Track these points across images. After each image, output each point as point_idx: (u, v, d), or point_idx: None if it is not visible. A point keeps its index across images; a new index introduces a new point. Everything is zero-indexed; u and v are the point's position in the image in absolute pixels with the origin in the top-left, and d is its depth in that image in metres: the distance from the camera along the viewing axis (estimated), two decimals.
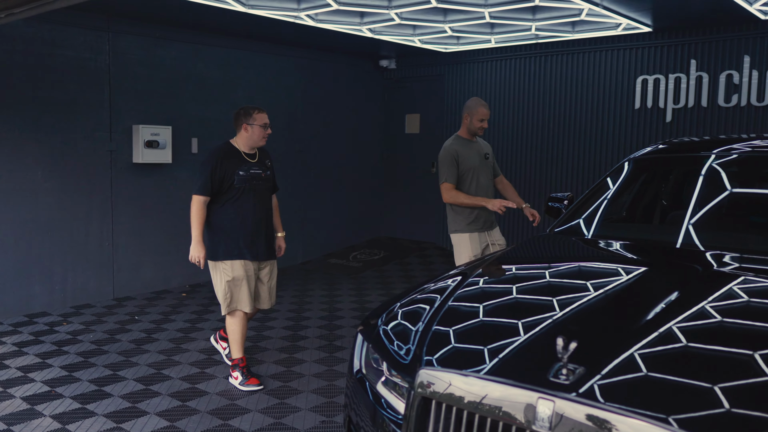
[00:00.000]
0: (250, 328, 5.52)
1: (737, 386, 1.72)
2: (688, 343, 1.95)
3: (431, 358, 2.07)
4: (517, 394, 1.79)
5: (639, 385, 1.73)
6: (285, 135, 7.94)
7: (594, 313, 2.17)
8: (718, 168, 3.50)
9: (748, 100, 6.34)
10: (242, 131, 4.27)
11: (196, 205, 4.16)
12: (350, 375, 2.49)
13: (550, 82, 7.64)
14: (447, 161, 4.59)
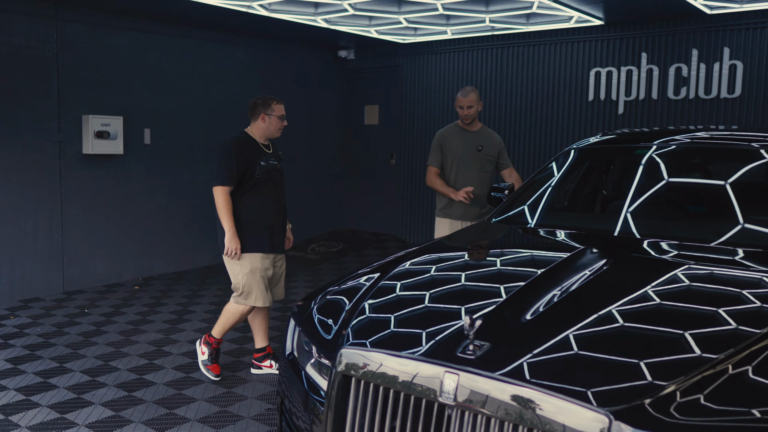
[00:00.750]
0: (201, 320, 5.61)
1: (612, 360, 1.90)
2: (598, 323, 2.13)
3: (353, 338, 2.21)
4: (427, 370, 1.94)
5: (538, 359, 1.90)
6: (242, 126, 7.98)
7: (508, 295, 2.33)
8: (658, 159, 3.69)
9: (696, 93, 6.60)
10: (259, 121, 4.27)
11: (223, 195, 4.11)
12: (283, 358, 2.62)
13: (506, 74, 7.83)
14: (433, 146, 4.89)
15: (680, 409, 1.68)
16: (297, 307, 2.72)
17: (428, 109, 8.53)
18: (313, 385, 2.33)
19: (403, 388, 1.98)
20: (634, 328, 2.08)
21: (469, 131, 4.89)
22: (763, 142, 3.46)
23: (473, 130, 4.90)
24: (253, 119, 4.31)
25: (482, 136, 4.92)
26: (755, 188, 3.76)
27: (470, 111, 4.79)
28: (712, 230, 3.20)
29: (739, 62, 6.35)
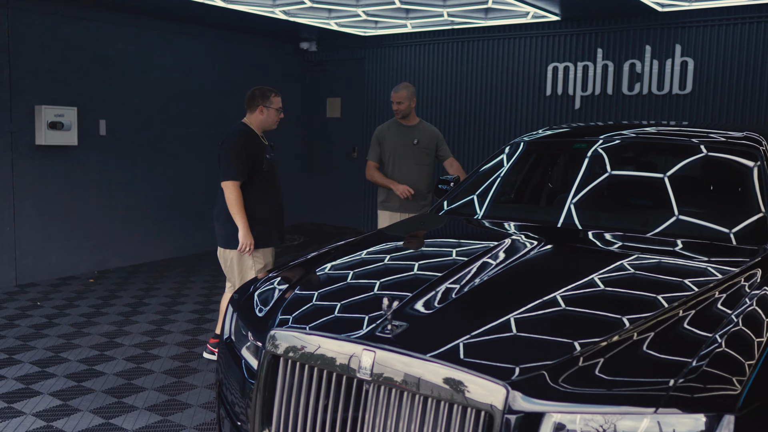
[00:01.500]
0: (156, 312, 5.72)
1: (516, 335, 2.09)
2: (506, 302, 2.33)
3: (281, 318, 2.38)
4: (347, 348, 2.11)
5: (449, 338, 2.08)
6: (202, 118, 8.10)
7: (431, 280, 2.52)
8: (602, 152, 3.91)
9: (649, 89, 6.87)
10: (257, 113, 4.29)
11: (236, 190, 4.11)
12: (221, 343, 2.78)
13: (467, 68, 8.03)
14: (372, 140, 5.20)
15: (574, 380, 1.88)
16: (236, 293, 2.87)
17: (390, 103, 8.69)
18: (249, 368, 2.48)
19: (325, 365, 2.15)
20: (544, 308, 2.27)
21: (405, 126, 5.18)
22: (703, 138, 3.70)
23: (410, 125, 5.18)
24: (251, 111, 4.33)
25: (418, 130, 5.20)
26: (692, 182, 4.01)
27: (401, 107, 5.09)
28: (649, 221, 3.43)
29: (690, 59, 6.62)
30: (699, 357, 1.96)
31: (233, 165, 4.12)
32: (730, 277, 2.57)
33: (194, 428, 3.62)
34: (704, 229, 3.22)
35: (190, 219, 8.12)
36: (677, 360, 1.96)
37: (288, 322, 2.36)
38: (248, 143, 4.20)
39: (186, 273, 7.19)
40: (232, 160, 4.12)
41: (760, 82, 6.32)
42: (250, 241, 4.18)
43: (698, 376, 1.87)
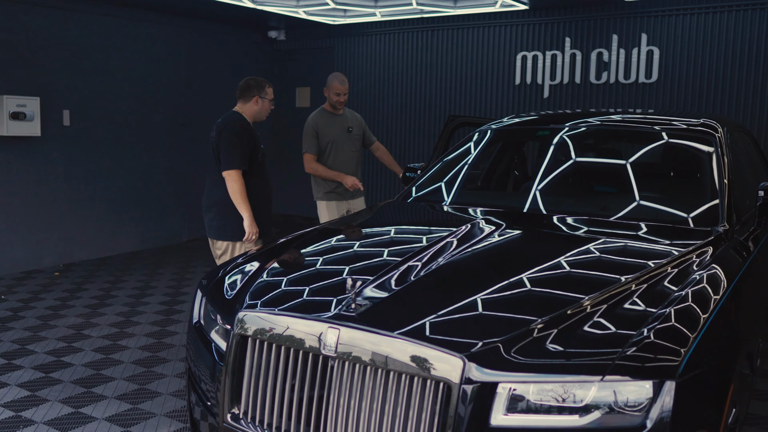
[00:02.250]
0: (124, 304, 5.78)
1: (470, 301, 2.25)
2: (464, 281, 2.48)
3: (249, 302, 2.50)
4: (313, 327, 2.24)
5: (411, 315, 2.22)
6: (168, 109, 8.13)
7: (394, 263, 2.66)
8: (567, 139, 4.08)
9: (616, 78, 7.08)
10: (251, 103, 4.36)
11: (240, 179, 4.14)
12: (190, 328, 2.89)
13: (436, 57, 8.18)
14: (308, 133, 5.17)
15: (526, 351, 2.03)
16: (204, 279, 2.98)
17: (361, 92, 8.81)
18: (218, 351, 2.59)
19: (292, 344, 2.28)
20: (503, 287, 2.42)
21: (337, 115, 5.32)
22: (663, 125, 3.89)
23: (339, 114, 5.33)
24: (245, 101, 4.38)
25: (348, 118, 5.37)
26: (652, 168, 4.20)
27: (345, 98, 5.25)
28: (611, 207, 3.61)
29: (656, 48, 6.84)
30: (646, 328, 2.12)
31: (236, 153, 4.15)
32: (682, 255, 2.75)
33: (164, 416, 3.72)
34: (663, 213, 3.41)
35: (157, 211, 8.16)
36: (625, 331, 2.12)
37: (256, 305, 2.48)
38: (248, 132, 4.26)
39: (153, 265, 7.24)
40: (235, 149, 4.15)
41: (723, 71, 6.55)
42: (256, 230, 4.23)
43: (643, 345, 2.04)
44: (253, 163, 4.28)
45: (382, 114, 8.64)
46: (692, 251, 2.82)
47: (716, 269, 2.63)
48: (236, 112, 4.39)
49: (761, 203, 3.38)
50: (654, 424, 1.92)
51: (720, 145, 3.57)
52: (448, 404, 2.00)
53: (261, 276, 2.73)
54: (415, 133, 8.42)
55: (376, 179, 8.81)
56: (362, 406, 2.13)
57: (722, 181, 3.36)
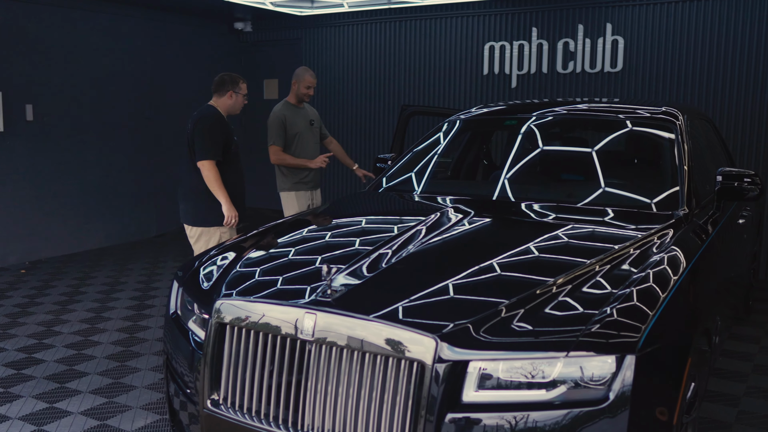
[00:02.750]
0: (94, 300, 5.81)
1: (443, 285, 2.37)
2: (432, 265, 2.60)
3: (226, 290, 2.59)
4: (290, 312, 2.34)
5: (384, 299, 2.34)
6: (134, 102, 8.12)
7: (367, 250, 2.77)
8: (534, 128, 4.22)
9: (583, 67, 7.26)
10: (226, 98, 4.59)
11: (214, 169, 4.38)
12: (167, 318, 2.96)
13: (404, 48, 8.28)
14: (276, 125, 5.31)
15: (495, 330, 2.16)
16: (180, 270, 3.06)
17: (329, 83, 8.88)
18: (196, 340, 2.68)
19: (269, 330, 2.37)
20: (473, 271, 2.55)
21: (300, 108, 5.50)
22: (625, 114, 4.05)
23: (302, 107, 5.51)
24: (219, 95, 4.61)
25: (309, 112, 5.57)
26: (617, 155, 4.37)
27: (313, 92, 5.47)
28: (578, 193, 3.76)
29: (621, 38, 7.03)
30: (608, 307, 2.26)
31: (210, 144, 4.39)
32: (644, 238, 2.91)
33: (141, 408, 3.79)
34: (627, 199, 3.56)
35: (125, 205, 8.16)
36: (589, 310, 2.26)
37: (233, 294, 2.57)
38: (222, 124, 4.50)
39: (122, 261, 7.25)
40: (209, 140, 4.39)
41: (686, 59, 6.77)
42: (235, 213, 4.47)
43: (606, 323, 2.18)
44: (227, 154, 4.50)
45: (351, 105, 8.73)
46: (653, 234, 2.98)
47: (675, 251, 2.79)
48: (211, 105, 4.62)
49: (719, 188, 3.56)
50: (616, 396, 2.06)
51: (680, 133, 3.74)
52: (421, 383, 2.12)
53: (236, 266, 2.82)
54: (384, 124, 8.53)
55: (332, 174, 8.90)
56: (339, 388, 2.24)
57: (682, 168, 3.53)
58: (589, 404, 2.07)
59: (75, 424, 3.59)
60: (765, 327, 5.21)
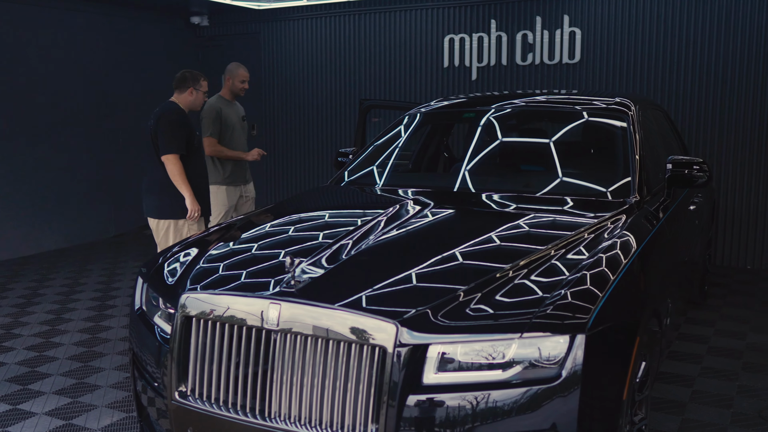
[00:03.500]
0: (53, 302, 5.82)
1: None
2: (395, 254, 2.74)
3: (191, 284, 2.69)
4: (255, 303, 2.45)
5: (346, 288, 2.47)
6: (88, 99, 8.10)
7: (330, 242, 2.89)
8: (494, 121, 4.38)
9: (541, 59, 7.46)
10: (186, 94, 4.77)
11: (178, 163, 4.55)
12: (132, 314, 3.05)
13: (364, 42, 8.40)
14: (211, 117, 5.50)
15: (453, 315, 2.30)
16: (144, 267, 3.14)
17: (289, 78, 8.96)
18: (162, 334, 2.77)
19: (235, 322, 2.48)
20: (433, 260, 2.69)
21: (233, 102, 5.75)
22: (578, 105, 4.23)
23: (234, 103, 5.76)
24: (180, 91, 4.80)
25: (239, 107, 5.83)
26: (572, 145, 4.55)
27: (247, 86, 5.71)
28: (535, 183, 3.94)
29: (578, 29, 7.25)
30: (562, 289, 2.42)
31: (175, 139, 4.57)
32: (596, 225, 3.09)
33: (106, 407, 3.85)
34: (582, 188, 3.75)
35: (82, 206, 8.14)
36: (543, 293, 2.42)
37: (197, 288, 2.67)
38: (185, 120, 4.70)
39: (81, 262, 7.25)
40: (173, 135, 4.57)
41: (641, 50, 7.01)
42: (198, 207, 4.65)
43: (558, 304, 2.34)
44: (189, 148, 4.67)
45: (311, 99, 8.82)
46: (605, 221, 3.16)
47: (625, 236, 2.97)
48: (172, 101, 4.80)
49: (669, 175, 3.76)
50: (568, 374, 2.22)
51: (632, 123, 3.93)
52: (383, 368, 2.25)
53: (200, 261, 2.92)
54: (344, 118, 8.64)
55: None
56: (305, 376, 2.36)
57: (634, 156, 3.72)
58: (543, 382, 2.22)
59: (40, 425, 3.64)
60: (720, 311, 5.47)
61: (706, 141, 6.85)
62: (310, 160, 8.99)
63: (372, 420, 2.27)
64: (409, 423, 2.23)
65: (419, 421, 2.23)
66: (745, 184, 6.75)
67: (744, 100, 6.65)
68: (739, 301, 5.74)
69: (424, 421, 2.23)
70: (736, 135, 6.73)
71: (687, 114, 6.89)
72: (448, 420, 2.22)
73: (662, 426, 3.55)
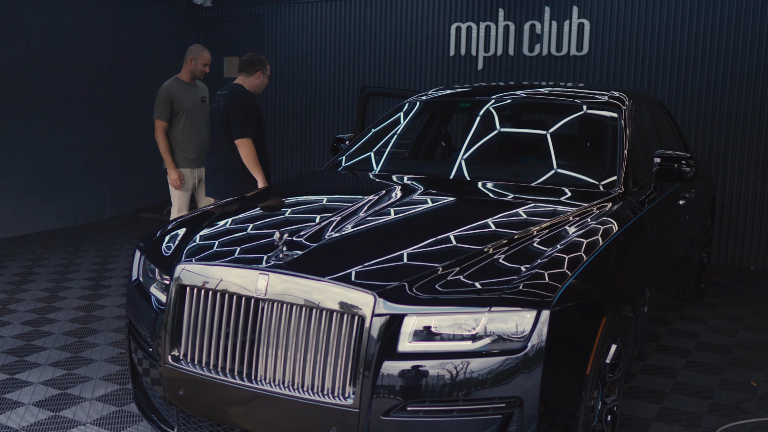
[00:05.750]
0: (48, 280, 6.18)
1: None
2: (372, 233, 3.07)
3: (186, 256, 3.02)
4: (245, 274, 2.79)
5: (331, 261, 2.80)
6: (88, 78, 8.44)
7: (319, 221, 3.22)
8: (493, 111, 4.70)
9: (549, 50, 7.76)
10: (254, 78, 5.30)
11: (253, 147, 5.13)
12: (129, 285, 3.38)
13: (369, 28, 8.71)
14: (162, 101, 5.83)
15: (428, 288, 2.62)
16: (141, 242, 3.48)
17: (291, 62, 9.28)
18: (158, 303, 3.11)
19: (226, 290, 2.81)
20: (413, 239, 3.02)
21: (192, 85, 6.05)
22: (579, 98, 4.54)
23: (194, 84, 6.06)
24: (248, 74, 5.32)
25: (201, 89, 6.13)
26: (566, 138, 4.86)
27: (208, 69, 6.02)
28: (527, 173, 4.27)
29: (587, 21, 7.54)
30: (533, 268, 2.74)
31: (249, 123, 5.09)
32: (578, 213, 3.41)
33: (101, 378, 4.20)
34: (571, 179, 4.06)
35: (78, 187, 8.48)
36: (516, 268, 2.74)
37: (191, 257, 3.01)
38: (256, 104, 5.22)
39: (76, 243, 7.61)
40: (247, 119, 5.09)
41: (650, 43, 7.30)
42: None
43: (528, 281, 2.66)
44: (259, 132, 5.19)
45: (314, 84, 9.15)
46: (588, 209, 3.47)
47: (604, 223, 3.29)
48: (239, 84, 5.28)
49: (657, 169, 4.07)
50: (533, 347, 2.53)
51: (624, 117, 4.24)
52: (362, 335, 2.57)
53: (196, 236, 3.25)
54: (347, 104, 8.96)
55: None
56: (289, 342, 2.69)
57: (622, 150, 4.03)
58: (510, 353, 2.53)
59: (36, 393, 3.99)
60: (715, 309, 5.77)
61: (713, 138, 7.14)
62: (310, 146, 9.32)
63: (350, 383, 2.59)
64: (384, 387, 2.55)
65: (393, 386, 2.55)
66: (750, 184, 7.04)
67: (752, 98, 6.94)
68: (737, 300, 6.04)
69: (398, 386, 2.55)
70: (743, 133, 7.01)
71: (694, 110, 7.18)
72: (420, 385, 2.54)
73: (640, 413, 3.87)
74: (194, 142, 5.95)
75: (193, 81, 6.04)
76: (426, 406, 2.55)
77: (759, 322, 5.45)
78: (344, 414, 2.58)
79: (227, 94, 5.21)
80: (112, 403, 3.87)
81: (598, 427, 3.05)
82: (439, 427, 2.57)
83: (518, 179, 4.17)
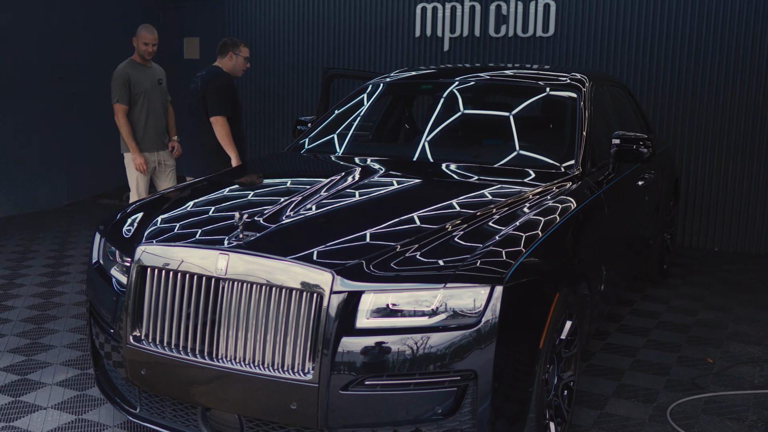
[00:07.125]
0: (3, 267, 6.23)
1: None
2: (328, 214, 3.22)
3: (147, 237, 3.14)
4: (206, 254, 2.92)
5: (290, 241, 2.94)
6: (44, 61, 8.43)
7: (279, 201, 3.36)
8: (457, 93, 4.86)
9: (515, 31, 7.94)
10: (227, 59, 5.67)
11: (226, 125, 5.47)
12: (90, 268, 3.49)
13: (333, 9, 8.81)
14: (119, 83, 5.91)
15: (385, 266, 2.78)
16: (101, 225, 3.59)
17: (254, 44, 9.35)
18: (119, 286, 3.23)
19: (187, 271, 2.94)
20: (373, 219, 3.17)
21: (146, 66, 6.14)
22: (539, 80, 4.71)
23: (149, 66, 6.16)
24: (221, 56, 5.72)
25: (157, 70, 6.24)
26: (527, 119, 5.04)
27: (154, 49, 6.07)
28: (488, 154, 4.45)
29: (552, 2, 7.72)
30: (489, 243, 2.91)
31: (223, 102, 5.44)
32: (537, 193, 3.60)
33: (61, 364, 4.30)
34: (532, 159, 4.25)
35: (33, 173, 8.50)
36: (473, 245, 2.91)
37: (151, 238, 3.13)
38: (231, 84, 5.58)
39: (32, 230, 7.64)
40: (223, 97, 5.45)
41: (615, 25, 7.51)
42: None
43: (482, 258, 2.83)
44: (234, 111, 5.48)
45: (277, 66, 9.24)
46: (546, 189, 3.66)
47: (561, 203, 3.47)
48: (217, 66, 5.63)
49: (615, 150, 4.27)
50: (487, 321, 2.70)
51: (584, 99, 4.43)
52: (320, 312, 2.72)
53: (157, 217, 3.37)
54: (310, 86, 9.07)
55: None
56: (249, 321, 2.83)
57: (581, 131, 4.21)
58: (465, 328, 2.70)
59: None
60: (677, 290, 6.02)
61: (677, 120, 7.39)
62: (273, 129, 9.41)
63: (310, 359, 2.74)
64: (342, 363, 2.70)
65: (351, 361, 2.71)
66: (715, 166, 7.30)
67: (716, 80, 7.18)
68: (699, 281, 6.30)
69: (356, 361, 2.71)
70: (707, 115, 7.26)
71: (659, 92, 7.41)
72: (378, 360, 2.70)
73: (598, 389, 4.08)
74: (152, 124, 6.04)
75: (147, 62, 6.09)
76: (383, 380, 2.71)
77: (719, 302, 5.70)
78: (304, 389, 2.73)
79: (204, 74, 5.55)
80: (73, 388, 3.98)
81: (554, 402, 3.24)
82: (396, 400, 2.73)
83: (481, 161, 4.34)
